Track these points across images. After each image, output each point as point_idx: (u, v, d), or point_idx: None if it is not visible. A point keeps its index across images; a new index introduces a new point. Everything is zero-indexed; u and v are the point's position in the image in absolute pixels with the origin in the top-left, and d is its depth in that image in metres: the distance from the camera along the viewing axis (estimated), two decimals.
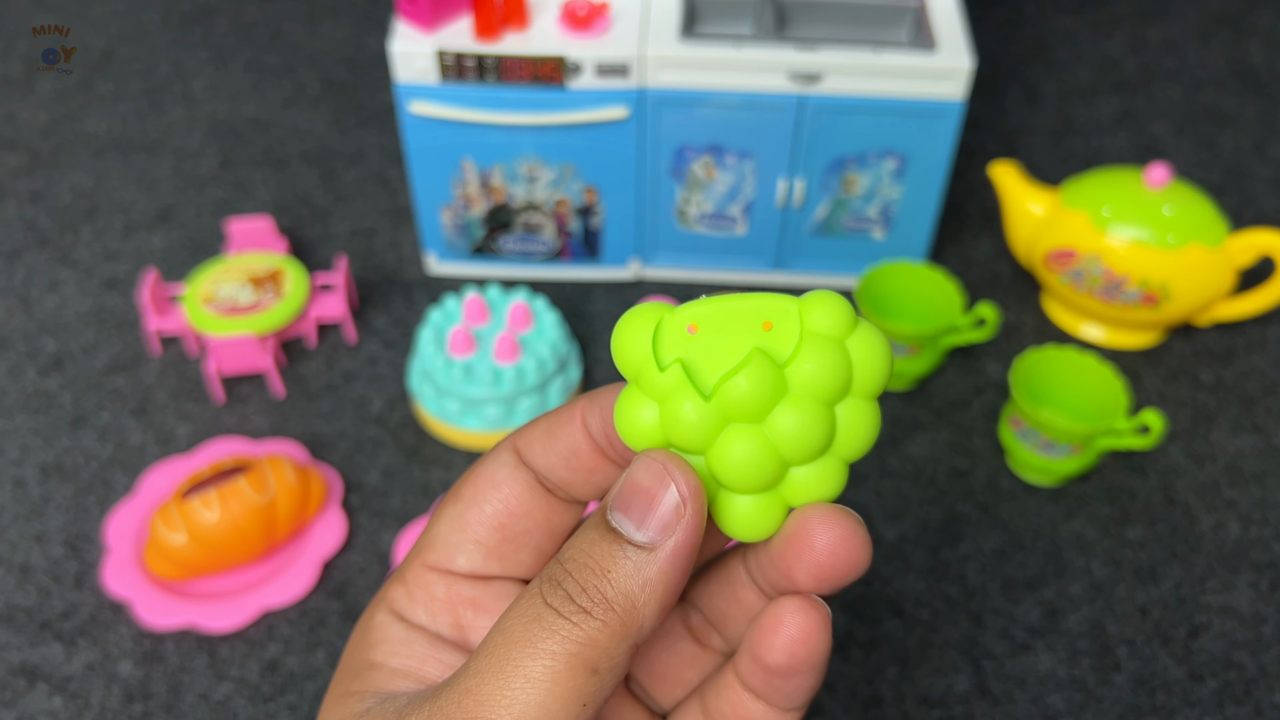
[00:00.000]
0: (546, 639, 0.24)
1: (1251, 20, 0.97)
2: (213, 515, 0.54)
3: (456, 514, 0.30)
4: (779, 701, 0.28)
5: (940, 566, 0.58)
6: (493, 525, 0.30)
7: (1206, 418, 0.65)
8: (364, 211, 0.77)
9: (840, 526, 0.26)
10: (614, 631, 0.25)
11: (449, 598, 0.30)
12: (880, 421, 0.26)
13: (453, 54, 0.62)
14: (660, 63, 0.62)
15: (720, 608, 0.30)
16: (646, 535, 0.25)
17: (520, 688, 0.24)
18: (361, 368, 0.67)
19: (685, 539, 0.25)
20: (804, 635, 0.26)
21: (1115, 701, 0.53)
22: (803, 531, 0.26)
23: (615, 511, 0.25)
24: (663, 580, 0.25)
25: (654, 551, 0.25)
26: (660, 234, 0.70)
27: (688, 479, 0.25)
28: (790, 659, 0.26)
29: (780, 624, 0.26)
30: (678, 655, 0.31)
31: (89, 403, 0.65)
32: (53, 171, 0.80)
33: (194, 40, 0.92)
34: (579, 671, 0.24)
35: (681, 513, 0.25)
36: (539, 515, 0.30)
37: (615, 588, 0.25)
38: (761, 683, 0.27)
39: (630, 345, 0.26)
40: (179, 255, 0.74)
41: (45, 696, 0.52)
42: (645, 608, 0.25)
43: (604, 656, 0.25)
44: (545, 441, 0.30)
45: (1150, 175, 0.65)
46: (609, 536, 0.25)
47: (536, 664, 0.24)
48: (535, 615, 0.25)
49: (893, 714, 0.52)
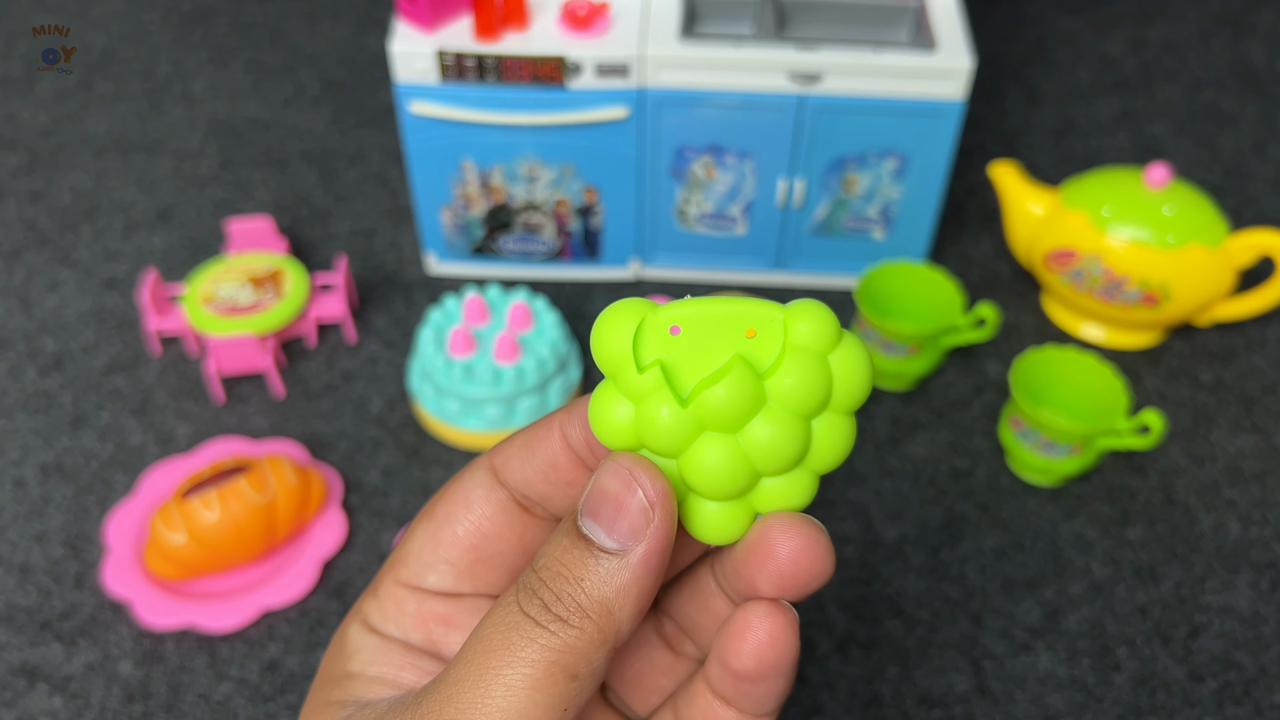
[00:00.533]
0: (525, 647, 0.24)
1: (1251, 20, 0.97)
2: (213, 515, 0.54)
3: (430, 532, 0.31)
4: (749, 707, 0.28)
5: (940, 566, 0.58)
6: (465, 546, 0.30)
7: (1206, 418, 0.65)
8: (364, 211, 0.77)
9: (802, 535, 0.25)
10: (591, 638, 0.25)
11: (420, 614, 0.30)
12: (855, 436, 0.26)
13: (453, 54, 0.62)
14: (660, 63, 0.62)
15: (691, 616, 0.30)
16: (617, 541, 0.25)
17: (501, 695, 0.24)
18: (361, 368, 0.67)
19: (656, 544, 0.25)
20: (771, 640, 0.26)
21: (1115, 701, 0.53)
22: (765, 541, 0.26)
23: (585, 518, 0.25)
24: (636, 585, 0.25)
25: (625, 557, 0.25)
26: (660, 234, 0.70)
27: (655, 484, 0.25)
28: (758, 664, 0.26)
29: (748, 629, 0.26)
30: (651, 663, 0.31)
31: (89, 403, 0.65)
32: (53, 171, 0.80)
33: (194, 40, 0.92)
34: (559, 678, 0.24)
35: (650, 518, 0.25)
36: (512, 536, 0.30)
37: (590, 595, 0.25)
38: (731, 688, 0.27)
39: (610, 342, 0.25)
40: (179, 255, 0.74)
41: (45, 696, 0.52)
42: (621, 613, 0.25)
43: (583, 662, 0.25)
44: (522, 456, 0.29)
45: (1150, 175, 0.65)
46: (580, 544, 0.25)
47: (516, 672, 0.24)
48: (513, 624, 0.25)
49: (893, 714, 0.52)
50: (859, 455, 0.63)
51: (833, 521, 0.59)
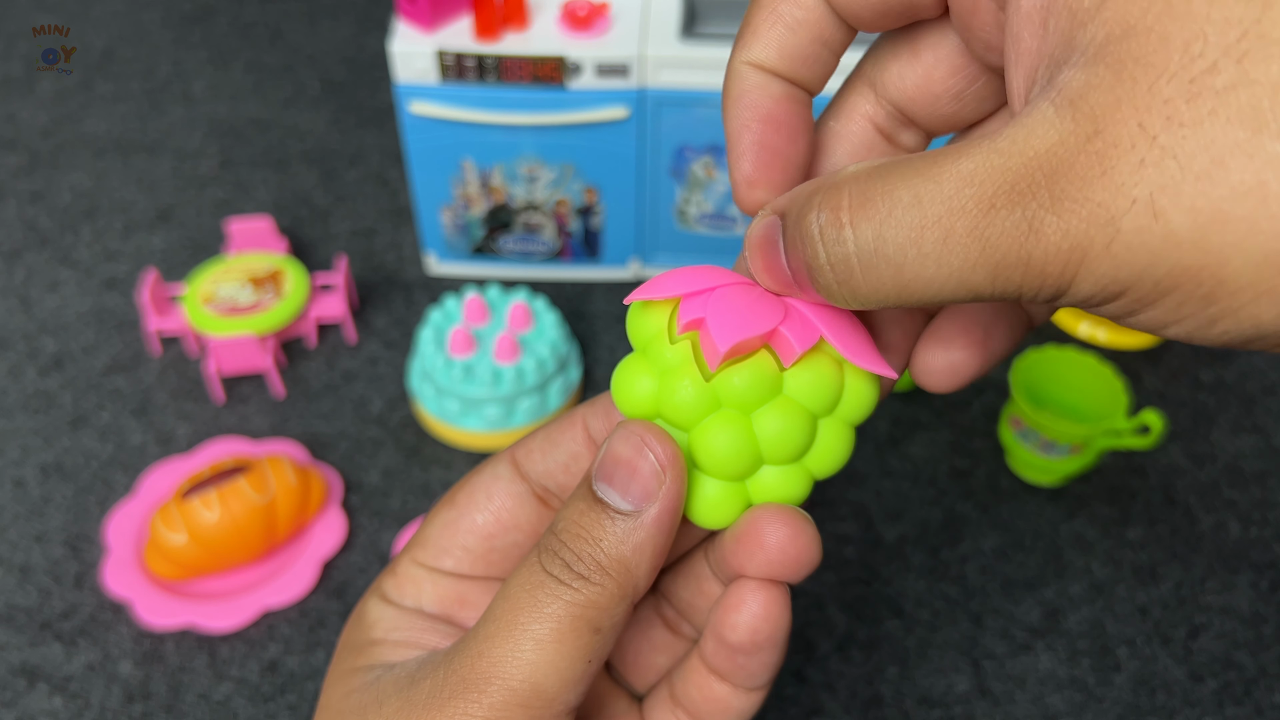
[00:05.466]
0: (550, 604, 0.26)
1: None
2: (213, 515, 0.54)
3: (450, 519, 0.32)
4: (742, 680, 0.29)
5: (940, 566, 0.58)
6: (482, 534, 0.31)
7: (1206, 418, 0.65)
8: (364, 211, 0.77)
9: (790, 524, 0.27)
10: (611, 594, 0.26)
11: (436, 592, 0.32)
12: (852, 448, 0.27)
13: (453, 54, 0.62)
14: (660, 63, 0.62)
15: (687, 599, 0.31)
16: (631, 503, 0.26)
17: (530, 649, 0.26)
18: (361, 368, 0.67)
19: (668, 504, 0.26)
20: (765, 612, 0.27)
21: (1115, 701, 0.53)
22: (754, 529, 0.27)
23: (600, 482, 0.26)
24: (650, 544, 0.26)
25: (639, 518, 0.26)
26: (660, 234, 0.70)
27: (665, 448, 0.26)
28: (753, 635, 0.28)
29: (742, 603, 0.27)
30: (650, 642, 0.32)
31: (89, 403, 0.65)
32: (53, 171, 0.80)
33: (194, 40, 0.92)
34: (583, 631, 0.26)
35: (661, 480, 0.26)
36: (529, 527, 0.32)
37: (608, 554, 0.26)
38: (726, 662, 0.29)
39: (649, 315, 0.27)
40: (179, 255, 0.74)
41: (45, 696, 0.52)
42: (638, 569, 0.26)
43: (605, 616, 0.26)
44: (545, 449, 0.31)
45: None
46: (596, 507, 0.26)
47: (543, 627, 0.26)
48: (538, 583, 0.26)
49: (893, 714, 0.52)
50: (859, 455, 0.63)
51: (833, 521, 0.59)
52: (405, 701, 0.27)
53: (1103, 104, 0.19)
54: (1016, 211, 0.19)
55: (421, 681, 0.27)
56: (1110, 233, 0.18)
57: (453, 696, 0.26)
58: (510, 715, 0.25)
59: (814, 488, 0.28)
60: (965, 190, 0.20)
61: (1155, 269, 0.18)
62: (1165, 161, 0.18)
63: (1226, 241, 0.18)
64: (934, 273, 0.20)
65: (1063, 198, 0.19)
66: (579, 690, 0.26)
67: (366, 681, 0.29)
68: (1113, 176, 0.18)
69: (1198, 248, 0.18)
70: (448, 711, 0.26)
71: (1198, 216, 0.18)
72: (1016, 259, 0.19)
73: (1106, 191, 0.18)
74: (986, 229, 0.19)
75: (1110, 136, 0.18)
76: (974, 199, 0.19)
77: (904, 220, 0.20)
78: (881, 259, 0.20)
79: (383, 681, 0.28)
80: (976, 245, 0.19)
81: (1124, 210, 0.18)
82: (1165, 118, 0.18)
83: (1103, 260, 0.19)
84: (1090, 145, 0.19)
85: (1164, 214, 0.18)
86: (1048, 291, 0.20)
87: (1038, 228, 0.19)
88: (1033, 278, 0.19)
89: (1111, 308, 0.20)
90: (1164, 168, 0.18)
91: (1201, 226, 0.18)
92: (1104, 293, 0.19)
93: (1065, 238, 0.19)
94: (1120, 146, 0.18)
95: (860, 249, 0.21)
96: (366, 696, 0.28)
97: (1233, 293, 0.18)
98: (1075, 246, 0.19)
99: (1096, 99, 0.19)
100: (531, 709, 0.26)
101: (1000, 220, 0.19)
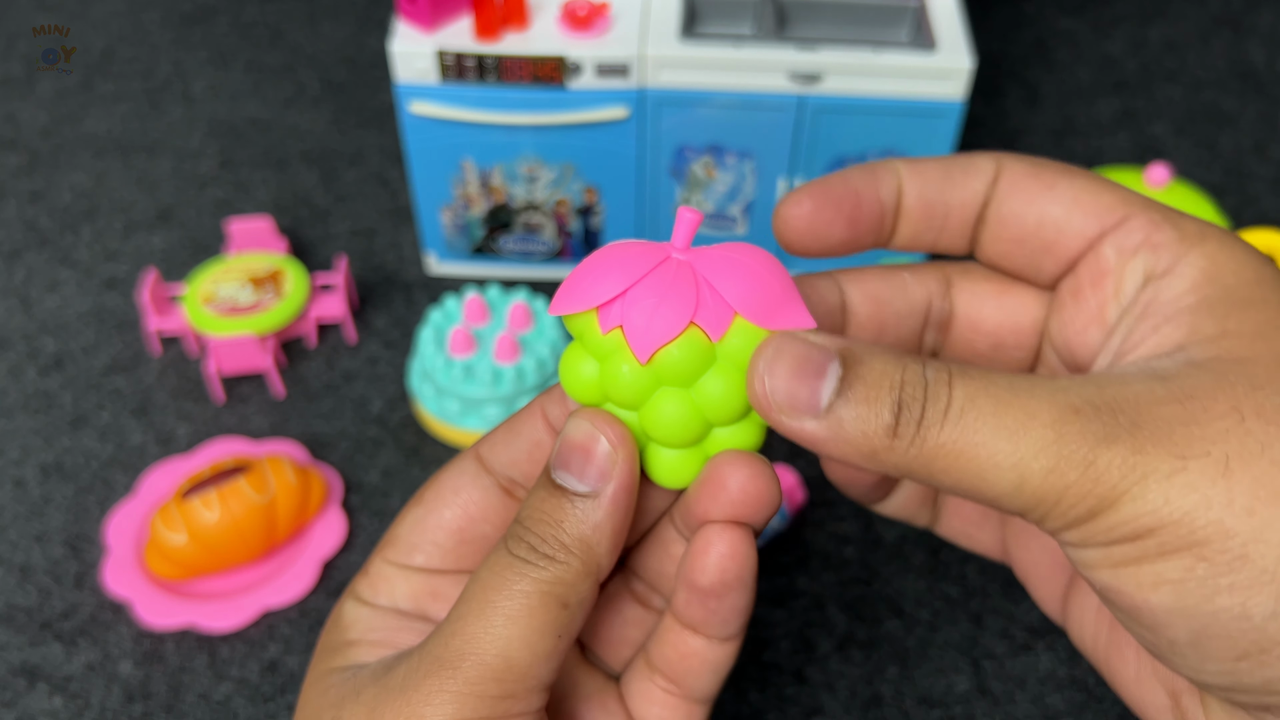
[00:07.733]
0: (518, 581, 0.27)
1: (1251, 20, 0.97)
2: (213, 515, 0.54)
3: (418, 517, 0.33)
4: (716, 629, 0.30)
5: (940, 566, 0.58)
6: (451, 529, 0.32)
7: None
8: (364, 211, 0.77)
9: (749, 466, 0.28)
10: (576, 571, 0.28)
11: (409, 589, 0.33)
12: None
13: (453, 54, 0.62)
14: (660, 63, 0.62)
15: (655, 568, 0.33)
16: (588, 485, 0.28)
17: (501, 624, 0.27)
18: (361, 368, 0.67)
19: (622, 482, 0.28)
20: (731, 550, 0.29)
21: (1116, 701, 0.53)
22: (715, 475, 0.29)
23: (558, 470, 0.28)
24: (609, 521, 0.28)
25: (598, 498, 0.28)
26: (660, 234, 0.70)
27: (615, 430, 0.28)
28: (722, 574, 0.29)
29: (710, 545, 0.29)
30: (623, 618, 0.34)
31: (89, 403, 0.65)
32: (53, 171, 0.80)
33: (194, 40, 0.92)
34: (552, 606, 0.27)
35: (615, 460, 0.28)
36: (496, 519, 0.33)
37: (570, 534, 0.28)
38: (698, 610, 0.30)
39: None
40: (179, 255, 0.74)
41: (45, 696, 0.52)
42: (599, 546, 0.28)
43: (571, 593, 0.28)
44: (507, 439, 0.32)
45: (1150, 175, 0.65)
46: (556, 492, 0.28)
47: (514, 602, 0.27)
48: (506, 564, 0.28)
49: (893, 714, 0.52)
50: None
51: (833, 521, 0.59)
52: (381, 688, 0.28)
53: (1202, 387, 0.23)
54: (1095, 422, 0.23)
55: (396, 668, 0.28)
56: (1178, 465, 0.22)
57: (427, 676, 0.27)
58: (484, 689, 0.27)
59: (813, 488, 0.28)
60: (1056, 396, 0.23)
61: (1198, 518, 0.22)
62: (1247, 440, 0.22)
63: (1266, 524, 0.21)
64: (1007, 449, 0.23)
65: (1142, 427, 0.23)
66: (550, 666, 0.28)
67: (344, 678, 0.30)
68: (1195, 429, 0.22)
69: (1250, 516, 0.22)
70: (423, 690, 0.27)
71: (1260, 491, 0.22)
72: (1082, 459, 0.22)
73: (1186, 442, 0.22)
74: (1064, 426, 0.23)
75: (1203, 403, 0.23)
76: (1063, 405, 0.23)
77: (999, 397, 0.24)
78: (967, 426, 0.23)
79: (360, 675, 0.29)
80: (1052, 433, 0.23)
81: (1197, 456, 0.22)
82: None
83: (1162, 487, 0.22)
84: (1182, 406, 0.23)
85: (1232, 473, 0.22)
86: (1089, 502, 0.23)
87: (1111, 439, 0.22)
88: (1087, 481, 0.22)
89: (1127, 548, 0.23)
90: (1246, 443, 0.22)
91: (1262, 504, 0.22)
92: (1138, 524, 0.22)
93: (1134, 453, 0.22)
94: (1212, 414, 0.23)
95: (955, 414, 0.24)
96: (344, 690, 0.29)
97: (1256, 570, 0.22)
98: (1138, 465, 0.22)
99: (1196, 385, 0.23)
100: (504, 682, 0.27)
101: (1080, 423, 0.23)
